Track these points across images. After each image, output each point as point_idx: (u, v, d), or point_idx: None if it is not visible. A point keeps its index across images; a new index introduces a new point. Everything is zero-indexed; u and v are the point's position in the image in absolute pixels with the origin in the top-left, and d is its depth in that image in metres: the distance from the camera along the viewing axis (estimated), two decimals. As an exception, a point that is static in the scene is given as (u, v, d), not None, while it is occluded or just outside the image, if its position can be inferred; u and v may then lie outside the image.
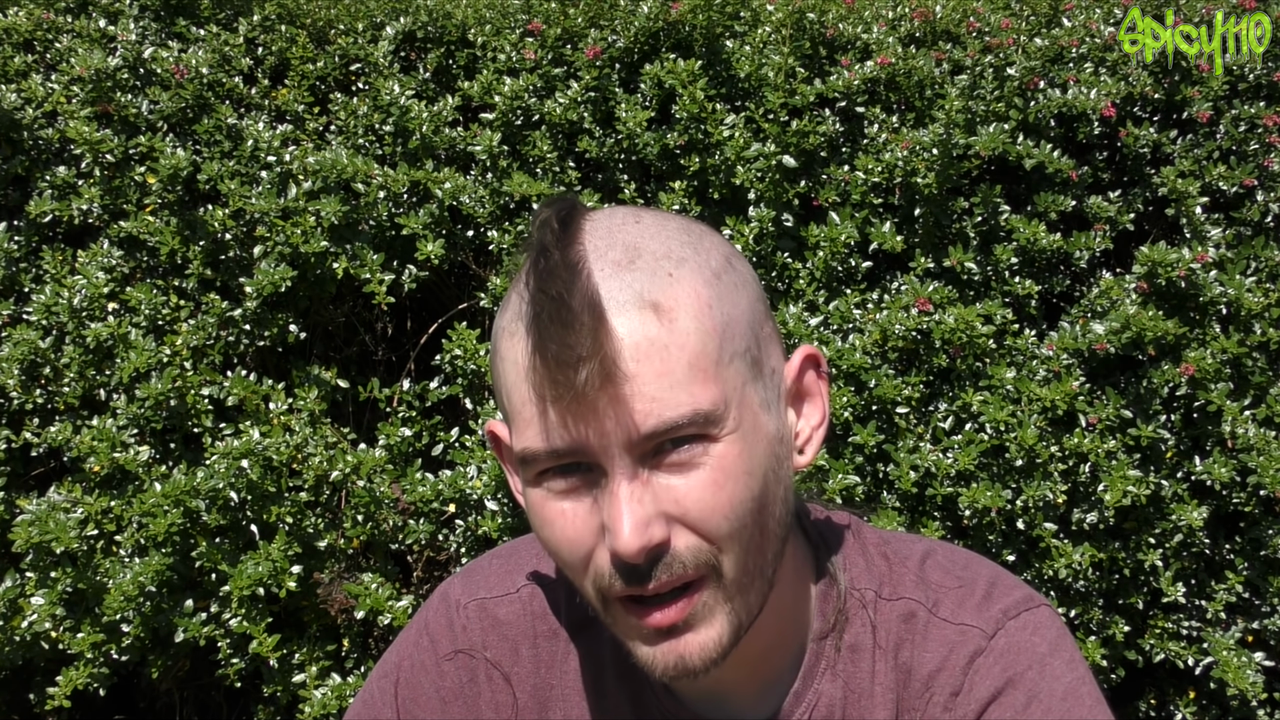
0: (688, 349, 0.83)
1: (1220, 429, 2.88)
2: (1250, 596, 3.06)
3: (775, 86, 2.86)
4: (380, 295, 2.76)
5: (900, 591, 0.98)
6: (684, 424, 0.83)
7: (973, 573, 0.99)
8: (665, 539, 0.84)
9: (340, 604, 2.80)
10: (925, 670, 0.95)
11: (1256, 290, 2.91)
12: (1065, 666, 0.93)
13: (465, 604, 1.07)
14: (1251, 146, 2.99)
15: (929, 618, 0.97)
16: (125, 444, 2.75)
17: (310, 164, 2.81)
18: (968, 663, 0.94)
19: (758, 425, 0.87)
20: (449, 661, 1.05)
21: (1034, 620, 0.96)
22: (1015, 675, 0.92)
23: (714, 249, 0.90)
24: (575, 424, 0.82)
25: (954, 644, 0.95)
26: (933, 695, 0.95)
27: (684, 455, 0.84)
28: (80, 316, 2.81)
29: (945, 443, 2.80)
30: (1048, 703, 0.91)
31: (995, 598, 0.97)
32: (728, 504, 0.85)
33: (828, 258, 2.83)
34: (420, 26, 3.03)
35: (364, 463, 2.73)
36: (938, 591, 0.98)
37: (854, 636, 0.98)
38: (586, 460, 0.84)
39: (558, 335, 0.80)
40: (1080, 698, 0.92)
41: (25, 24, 3.02)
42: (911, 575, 0.99)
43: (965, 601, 0.97)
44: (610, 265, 0.84)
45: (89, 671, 2.72)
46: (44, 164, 2.96)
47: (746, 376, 0.87)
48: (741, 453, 0.85)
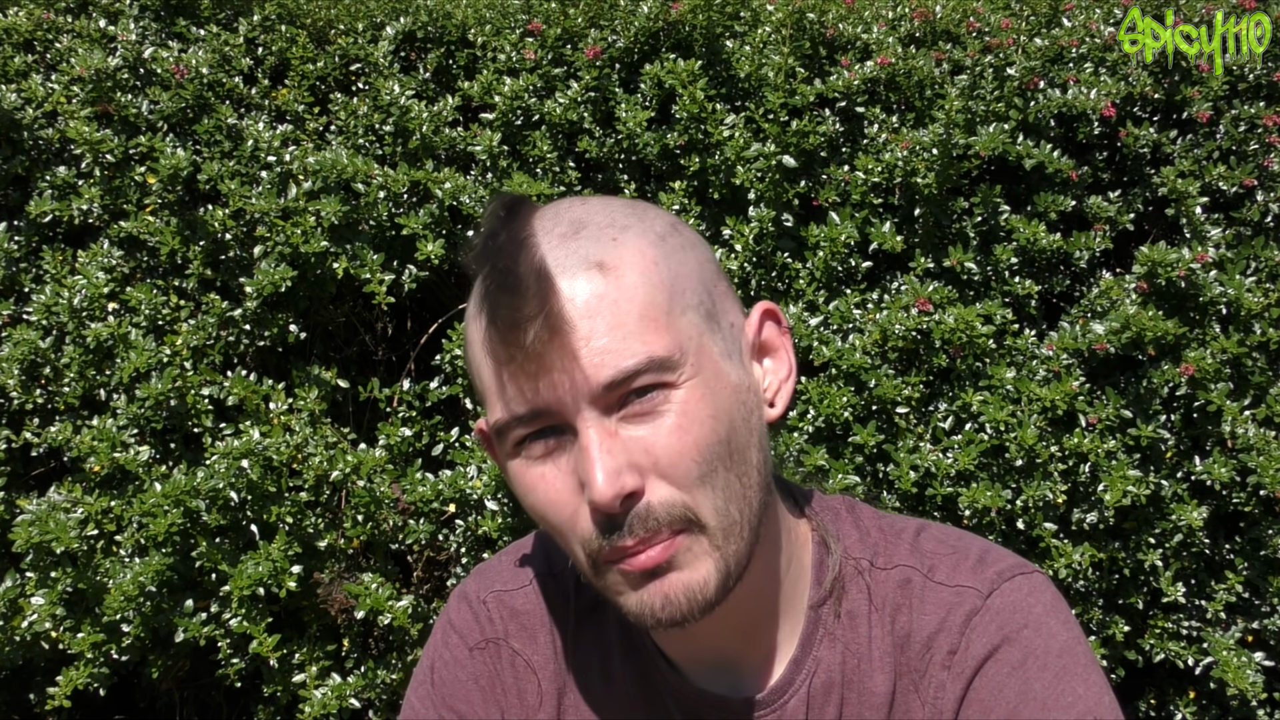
0: (637, 301, 0.86)
1: (1220, 429, 2.88)
2: (1250, 596, 3.06)
3: (775, 86, 2.86)
4: (380, 295, 2.76)
5: (895, 560, 1.00)
6: (641, 370, 0.85)
7: (966, 543, 1.01)
8: (639, 487, 0.86)
9: (340, 604, 2.80)
10: (924, 633, 0.97)
11: (1256, 290, 2.91)
12: (1060, 626, 0.95)
13: (484, 598, 1.10)
14: (1251, 146, 2.99)
15: (925, 582, 0.98)
16: (125, 444, 2.75)
17: (310, 164, 2.81)
18: (964, 621, 0.95)
19: (719, 373, 0.89)
20: (479, 651, 1.08)
21: (1029, 583, 0.97)
22: (1011, 633, 0.94)
23: (658, 218, 0.93)
24: (534, 384, 0.85)
25: (951, 605, 0.97)
26: (932, 655, 0.96)
27: (646, 405, 0.86)
28: (80, 316, 2.81)
29: (945, 443, 2.80)
30: (1043, 659, 0.92)
31: (989, 562, 0.99)
32: (694, 447, 0.86)
33: (828, 258, 2.83)
34: (420, 26, 3.03)
35: (364, 463, 2.73)
36: (932, 558, 1.00)
37: (851, 603, 1.00)
38: (554, 421, 0.87)
39: (506, 301, 0.83)
40: (1075, 656, 0.94)
41: (25, 24, 3.02)
42: (906, 545, 1.01)
43: (960, 565, 0.99)
44: (556, 238, 0.88)
45: (89, 671, 2.72)
46: (44, 164, 2.96)
47: (703, 328, 0.89)
48: (704, 397, 0.87)
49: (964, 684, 0.94)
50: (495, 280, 0.84)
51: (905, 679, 0.97)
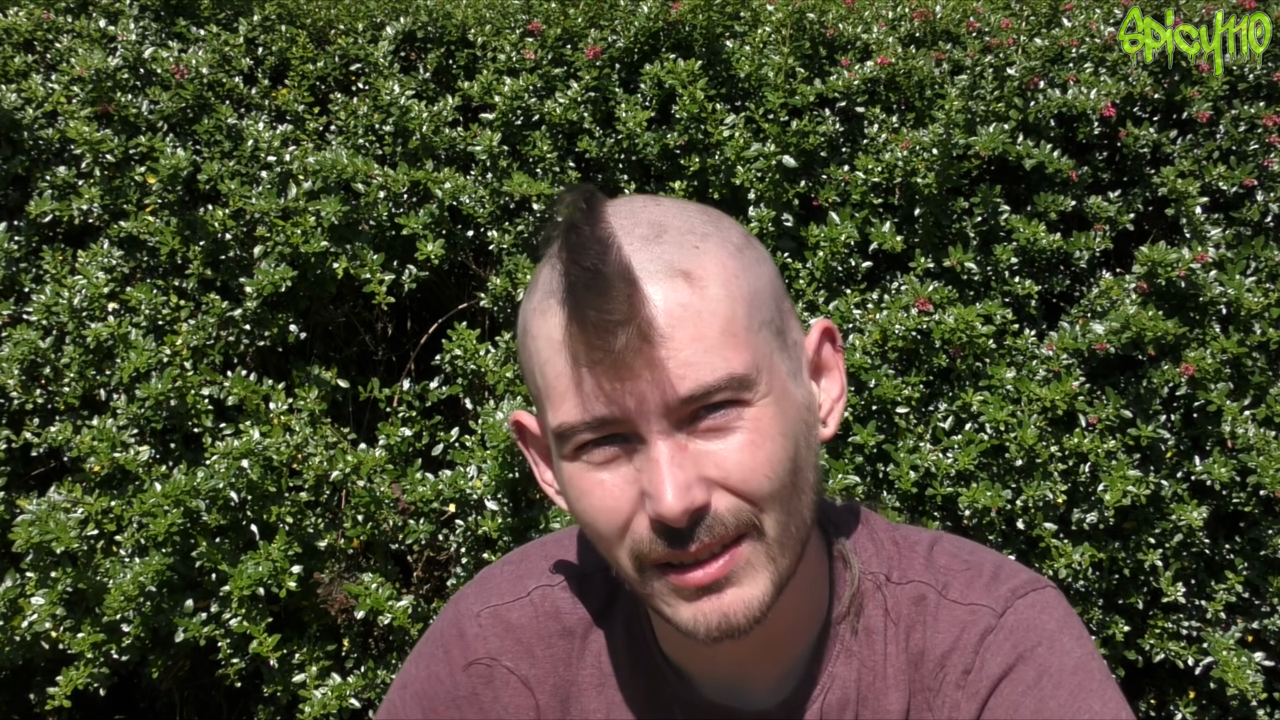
0: (719, 315, 0.85)
1: (1220, 429, 2.88)
2: (1250, 596, 3.06)
3: (775, 86, 2.86)
4: (380, 295, 2.76)
5: (910, 575, 1.00)
6: (720, 387, 0.84)
7: (979, 557, 1.01)
8: (706, 502, 0.86)
9: (340, 604, 2.80)
10: (938, 651, 0.96)
11: (1256, 290, 2.91)
12: (1074, 642, 0.94)
13: (478, 613, 1.08)
14: (1251, 146, 2.99)
15: (939, 599, 0.98)
16: (125, 444, 2.75)
17: (310, 164, 2.81)
18: (979, 640, 0.95)
19: (787, 391, 0.89)
20: (463, 672, 1.07)
21: (1042, 599, 0.97)
22: (1025, 651, 0.93)
23: (733, 227, 0.93)
24: (613, 390, 0.83)
25: (965, 623, 0.96)
26: (946, 674, 0.96)
27: (719, 420, 0.85)
28: (80, 316, 2.81)
29: (945, 443, 2.80)
30: (1058, 677, 0.92)
31: (1003, 579, 0.98)
32: (766, 464, 0.86)
33: (828, 258, 2.83)
34: (420, 26, 3.03)
35: (364, 463, 2.73)
36: (946, 574, 0.99)
37: (868, 619, 0.99)
38: (625, 430, 0.86)
39: (595, 302, 0.81)
40: (1090, 672, 0.93)
41: (25, 24, 3.02)
42: (920, 560, 1.00)
43: (974, 583, 0.98)
44: (638, 239, 0.86)
45: (89, 671, 2.72)
46: (44, 164, 2.96)
47: (774, 345, 0.89)
48: (775, 415, 0.87)
49: (979, 704, 0.94)
50: (581, 278, 0.81)
51: (919, 697, 0.97)
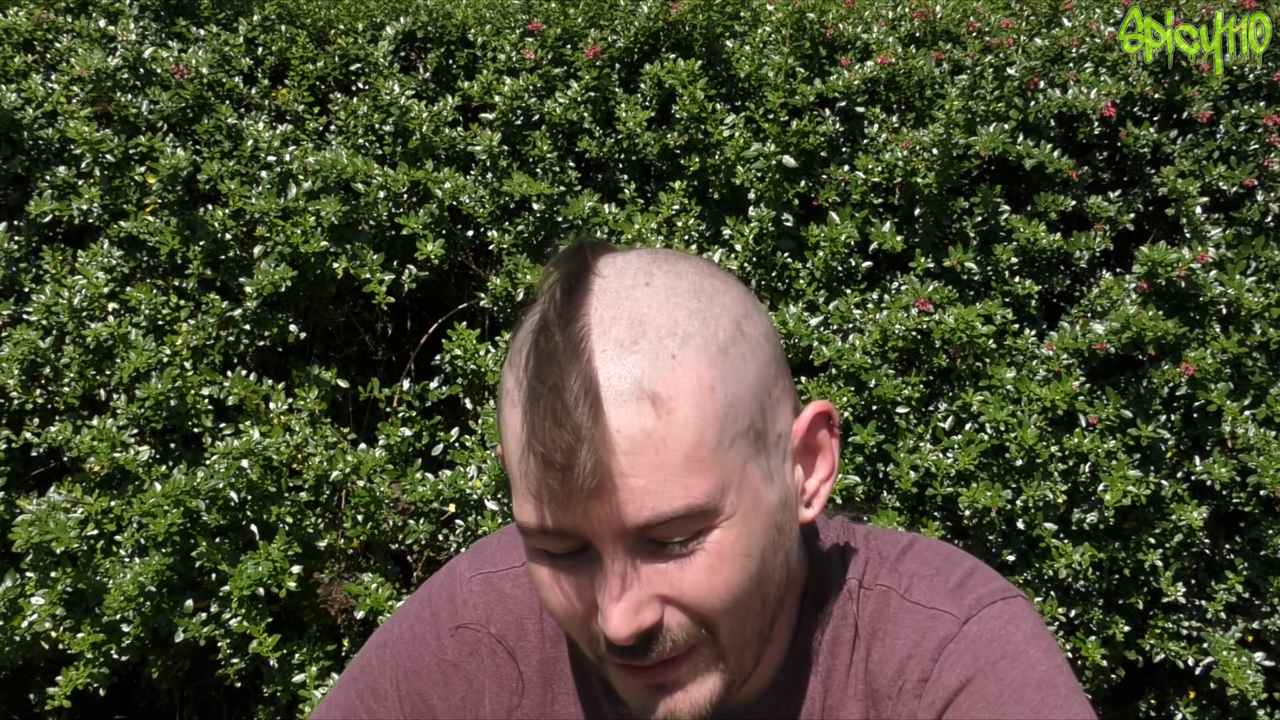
0: (685, 440, 0.81)
1: (1220, 429, 2.88)
2: (1250, 596, 3.06)
3: (775, 86, 2.86)
4: (380, 295, 2.76)
5: (878, 579, 0.98)
6: (677, 517, 0.82)
7: (952, 563, 0.98)
8: (658, 620, 0.84)
9: (340, 604, 2.80)
10: (897, 657, 0.94)
11: (1256, 290, 2.91)
12: (1041, 655, 0.91)
13: (470, 578, 1.06)
14: (1251, 146, 2.99)
15: (901, 602, 0.96)
16: (125, 444, 2.75)
17: (310, 164, 2.81)
18: (937, 649, 0.92)
19: (758, 502, 0.86)
20: (450, 635, 1.05)
21: (1009, 610, 0.94)
22: (986, 665, 0.90)
23: (724, 314, 0.86)
24: (568, 511, 0.82)
25: (925, 629, 0.94)
26: (904, 682, 0.93)
27: (679, 544, 0.84)
28: (80, 316, 2.81)
29: (945, 443, 2.80)
30: (1019, 692, 0.89)
31: (970, 587, 0.95)
32: (723, 587, 0.84)
33: (828, 258, 2.83)
34: (420, 26, 3.03)
35: (364, 463, 2.73)
36: (911, 578, 0.97)
37: (835, 630, 0.98)
38: (581, 543, 0.84)
39: (551, 435, 0.79)
40: (1055, 687, 0.89)
41: (25, 24, 3.02)
42: (889, 564, 0.98)
43: (939, 587, 0.95)
44: (613, 344, 0.82)
45: (89, 671, 2.72)
46: (44, 164, 2.96)
47: (748, 454, 0.85)
48: (739, 536, 0.84)
49: (935, 715, 0.91)
50: (542, 399, 0.79)
51: (876, 704, 0.95)
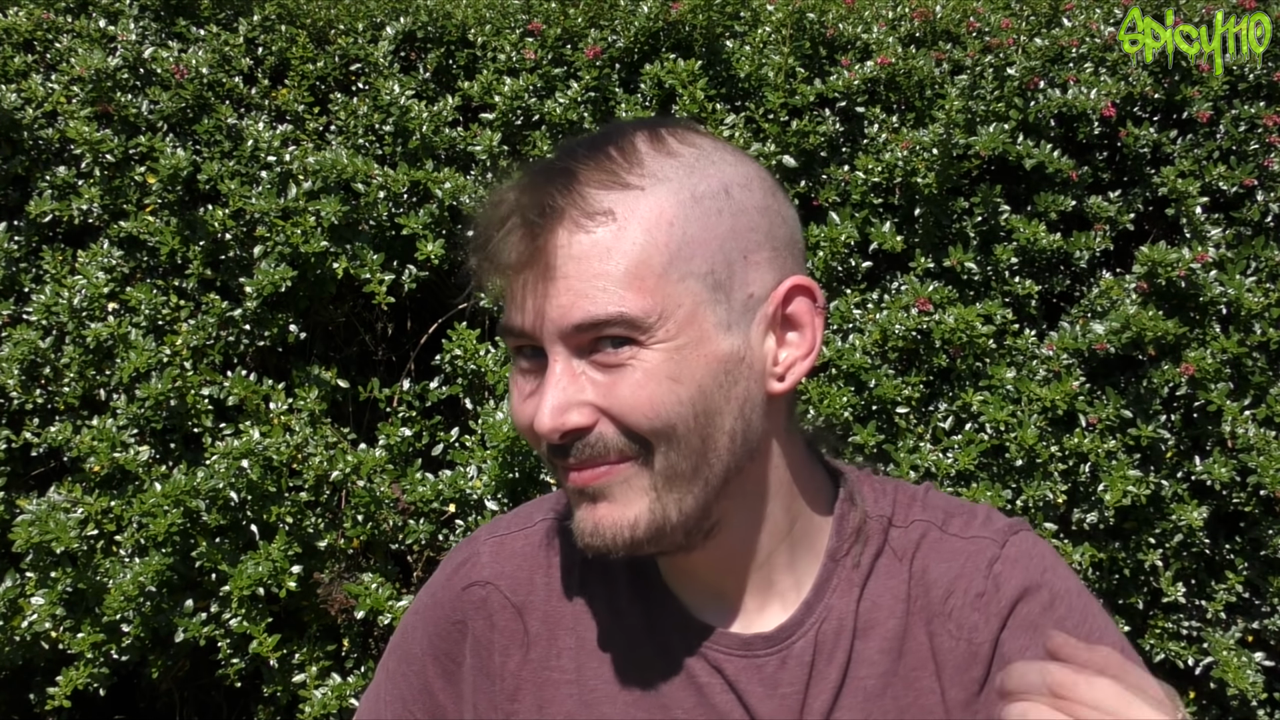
0: (628, 256, 0.90)
1: (1220, 429, 2.88)
2: (1250, 596, 3.06)
3: (775, 86, 2.86)
4: (380, 295, 2.76)
5: (911, 516, 1.06)
6: (610, 323, 0.90)
7: (967, 505, 1.09)
8: (586, 425, 0.93)
9: (340, 604, 2.80)
10: (945, 578, 1.03)
11: (1256, 290, 2.91)
12: (1068, 571, 1.05)
13: (485, 540, 1.14)
14: (1251, 146, 2.99)
15: (940, 534, 1.05)
16: (125, 444, 2.75)
17: (310, 164, 2.81)
18: (987, 566, 1.02)
19: (703, 341, 0.93)
20: (463, 593, 1.12)
21: (1031, 537, 1.06)
22: (1036, 576, 1.02)
23: (716, 175, 0.96)
24: (525, 306, 0.92)
25: (970, 553, 1.03)
26: (955, 599, 1.02)
27: (615, 356, 0.92)
28: (80, 316, 2.81)
29: (945, 443, 2.80)
30: (1068, 600, 1.01)
31: (994, 519, 1.06)
32: (648, 403, 0.92)
33: (828, 258, 2.83)
34: (420, 26, 3.03)
35: (364, 463, 2.73)
36: (944, 514, 1.06)
37: (869, 556, 1.05)
38: (535, 344, 0.94)
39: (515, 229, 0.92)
40: (1087, 596, 1.03)
41: (25, 24, 3.02)
42: (919, 504, 1.07)
43: (971, 521, 1.06)
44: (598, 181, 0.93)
45: (89, 671, 2.72)
46: (44, 164, 2.96)
47: (702, 297, 0.92)
48: (672, 360, 0.92)
49: (1000, 622, 1.00)
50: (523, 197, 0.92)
51: (919, 620, 1.02)
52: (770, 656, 1.03)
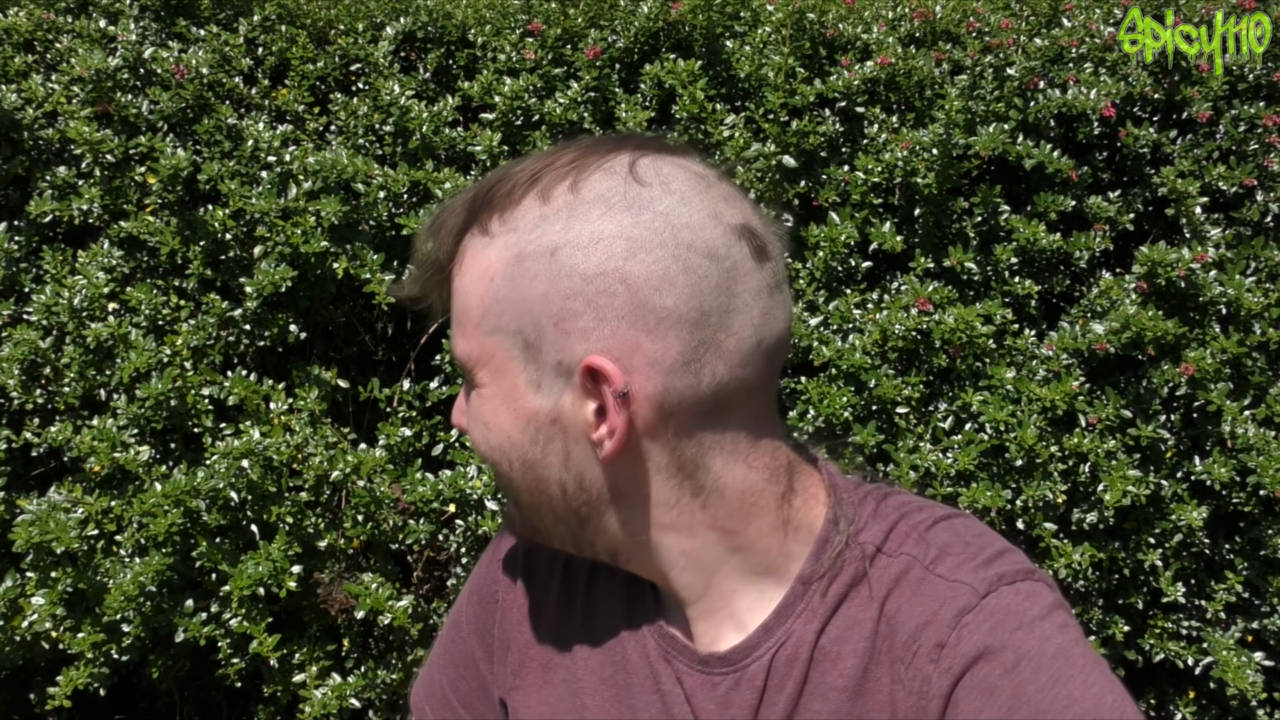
0: (461, 300, 0.97)
1: (1220, 429, 2.88)
2: (1250, 596, 3.06)
3: (775, 86, 2.86)
4: (380, 295, 2.76)
5: (903, 548, 0.98)
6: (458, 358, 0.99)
7: (984, 541, 0.99)
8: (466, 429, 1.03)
9: (340, 604, 2.80)
10: (913, 623, 0.95)
11: (1256, 290, 2.91)
12: (1056, 630, 0.92)
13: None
14: (1251, 146, 2.99)
15: (924, 574, 0.96)
16: (125, 444, 2.75)
17: (310, 164, 2.81)
18: (955, 617, 0.93)
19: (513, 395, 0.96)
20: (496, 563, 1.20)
21: (1030, 588, 0.94)
22: (1005, 635, 0.91)
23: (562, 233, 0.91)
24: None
25: (945, 599, 0.94)
26: (919, 647, 0.94)
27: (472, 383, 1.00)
28: (80, 316, 2.81)
29: (945, 443, 2.80)
30: (1037, 661, 0.89)
31: (996, 564, 0.96)
32: (479, 438, 1.00)
33: (828, 258, 2.83)
34: (420, 26, 3.03)
35: (364, 463, 2.73)
36: (940, 551, 0.97)
37: (842, 585, 0.99)
38: None
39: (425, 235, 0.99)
40: (1072, 657, 0.90)
41: (25, 24, 3.02)
42: (915, 535, 0.99)
43: (965, 563, 0.96)
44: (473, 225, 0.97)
45: (89, 671, 2.72)
46: (44, 164, 2.96)
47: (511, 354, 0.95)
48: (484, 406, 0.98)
49: (951, 681, 0.91)
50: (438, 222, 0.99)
51: (885, 666, 0.96)
52: (725, 676, 1.01)
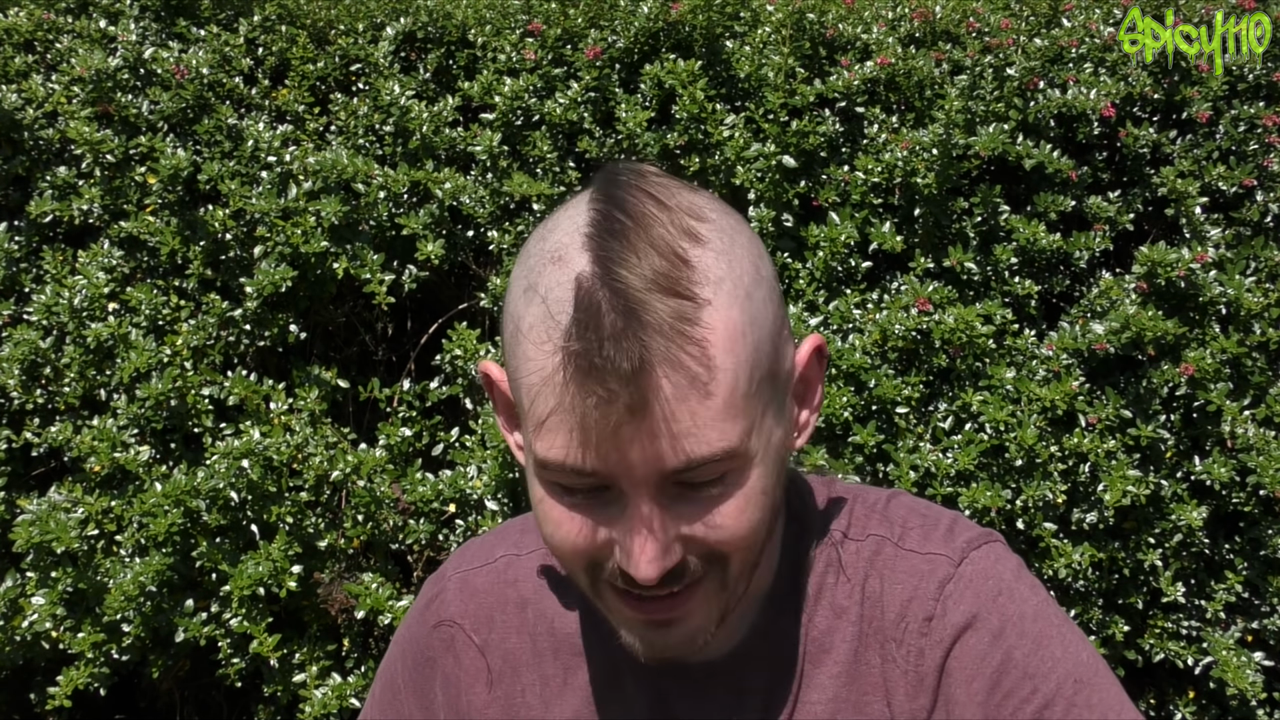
0: (722, 386, 0.82)
1: (1220, 429, 2.88)
2: (1250, 596, 3.06)
3: (775, 86, 2.86)
4: (380, 295, 2.76)
5: (868, 530, 1.01)
6: (714, 460, 0.83)
7: (935, 513, 1.02)
8: (681, 559, 0.86)
9: (340, 604, 2.80)
10: (898, 599, 0.97)
11: (1256, 290, 2.91)
12: (1029, 590, 0.97)
13: (450, 576, 1.12)
14: (1251, 146, 2.99)
15: (895, 550, 0.99)
16: (125, 444, 2.75)
17: (310, 164, 2.81)
18: (938, 589, 0.96)
19: (772, 441, 0.88)
20: (432, 632, 1.11)
21: (993, 552, 0.99)
22: (987, 601, 0.95)
23: (745, 255, 0.86)
24: (602, 450, 0.81)
25: (923, 572, 0.97)
26: (908, 623, 0.96)
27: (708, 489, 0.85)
28: (80, 316, 2.81)
29: (945, 443, 2.80)
30: (1020, 626, 0.94)
31: (957, 531, 1.00)
32: (748, 526, 0.86)
33: (828, 258, 2.83)
34: (420, 27, 3.03)
35: (364, 463, 2.73)
36: (903, 527, 1.00)
37: (819, 576, 1.00)
38: (608, 482, 0.84)
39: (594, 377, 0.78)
40: (1048, 617, 0.96)
41: (25, 24, 3.02)
42: (877, 515, 1.02)
43: (930, 534, 0.99)
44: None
45: (89, 671, 2.72)
46: (44, 164, 2.96)
47: (768, 396, 0.87)
48: (761, 475, 0.86)
49: (944, 651, 0.95)
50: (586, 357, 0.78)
51: (871, 646, 0.98)
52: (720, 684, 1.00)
